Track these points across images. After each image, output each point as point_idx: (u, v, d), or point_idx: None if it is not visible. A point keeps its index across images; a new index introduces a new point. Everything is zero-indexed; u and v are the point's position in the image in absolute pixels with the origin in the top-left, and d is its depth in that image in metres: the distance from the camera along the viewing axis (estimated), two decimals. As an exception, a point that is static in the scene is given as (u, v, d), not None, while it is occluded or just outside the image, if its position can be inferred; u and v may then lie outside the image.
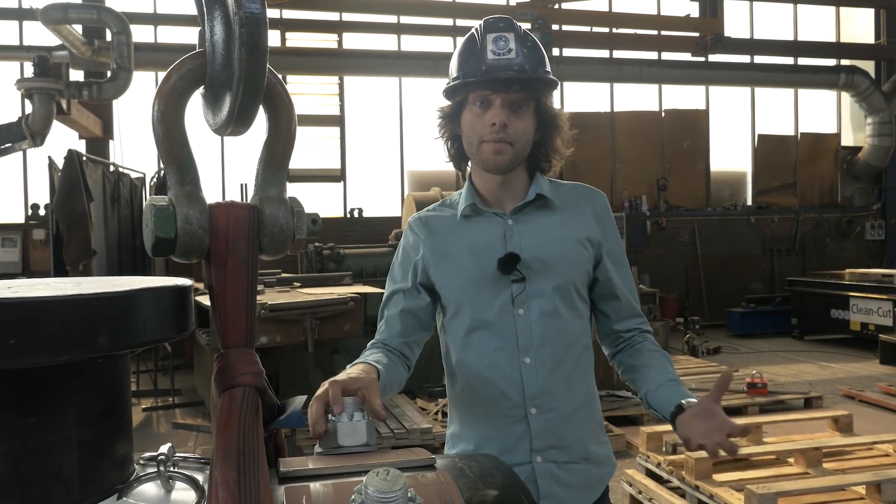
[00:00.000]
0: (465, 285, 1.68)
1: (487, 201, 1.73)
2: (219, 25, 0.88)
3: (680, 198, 13.25)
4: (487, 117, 1.62)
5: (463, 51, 1.67)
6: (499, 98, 1.61)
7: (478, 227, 1.71)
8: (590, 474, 1.70)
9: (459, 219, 1.72)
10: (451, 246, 1.71)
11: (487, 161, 1.65)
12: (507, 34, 1.62)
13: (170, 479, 0.90)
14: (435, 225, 1.76)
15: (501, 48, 1.61)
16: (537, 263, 1.65)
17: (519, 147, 1.65)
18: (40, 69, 6.75)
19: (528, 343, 1.65)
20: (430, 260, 1.72)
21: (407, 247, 1.78)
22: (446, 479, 0.91)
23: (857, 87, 13.00)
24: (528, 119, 1.65)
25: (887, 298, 9.31)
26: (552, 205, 1.71)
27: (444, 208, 1.80)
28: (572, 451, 1.67)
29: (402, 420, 5.70)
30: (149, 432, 6.50)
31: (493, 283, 1.66)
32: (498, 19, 1.67)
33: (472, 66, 1.63)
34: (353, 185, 11.90)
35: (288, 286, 7.11)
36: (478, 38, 1.64)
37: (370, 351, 1.65)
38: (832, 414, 5.17)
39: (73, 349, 0.78)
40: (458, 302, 1.69)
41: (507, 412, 1.66)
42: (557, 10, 11.82)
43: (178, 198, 0.91)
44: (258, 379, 0.93)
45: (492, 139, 1.62)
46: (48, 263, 7.27)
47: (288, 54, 10.82)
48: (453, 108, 1.70)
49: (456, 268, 1.70)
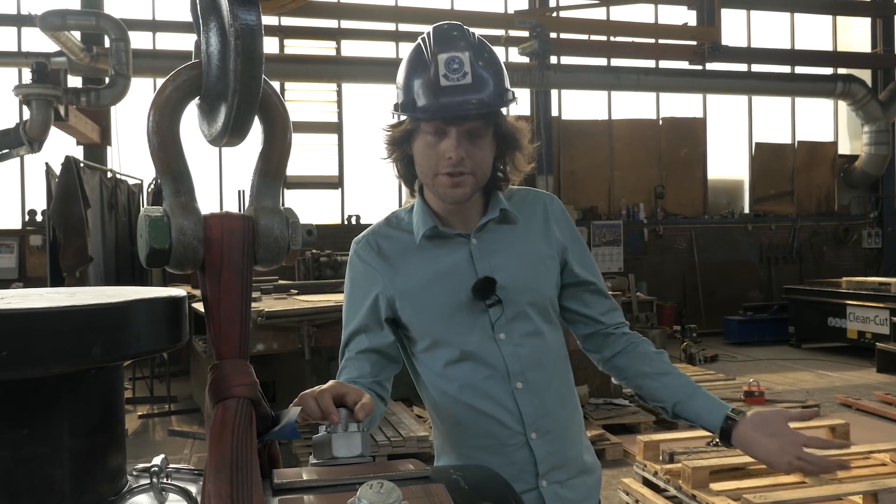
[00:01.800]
0: (438, 317, 1.57)
1: (446, 221, 1.59)
2: (214, 36, 0.88)
3: (677, 206, 13.27)
4: (442, 149, 1.47)
5: (411, 68, 1.51)
6: (454, 129, 1.46)
7: (440, 252, 1.58)
8: (586, 485, 1.67)
9: (420, 241, 1.58)
10: (415, 275, 1.57)
11: (445, 195, 1.52)
12: (461, 54, 1.46)
13: (163, 490, 0.90)
14: (389, 251, 1.60)
15: (456, 71, 1.45)
16: (511, 283, 1.56)
17: (480, 176, 1.52)
18: (38, 75, 6.75)
19: (518, 368, 1.57)
20: (394, 294, 1.57)
21: (359, 279, 1.61)
22: (441, 491, 0.91)
23: (853, 95, 13.05)
24: (488, 146, 1.52)
25: (884, 307, 9.32)
26: (512, 218, 1.60)
27: (393, 230, 1.63)
28: (570, 468, 1.63)
29: (398, 428, 5.68)
30: (145, 439, 6.48)
31: (468, 310, 1.55)
32: (452, 30, 1.51)
33: (424, 94, 1.46)
34: (351, 192, 11.92)
35: (285, 293, 7.11)
36: (427, 53, 1.48)
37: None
38: (829, 423, 5.17)
39: (65, 361, 0.78)
40: (434, 335, 1.58)
41: (506, 441, 1.58)
42: (555, 18, 11.86)
43: (173, 208, 0.90)
44: (252, 390, 0.92)
45: (448, 172, 1.48)
46: (45, 269, 7.25)
47: (286, 61, 10.83)
48: (403, 134, 1.54)
49: (426, 299, 1.57)
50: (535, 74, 11.21)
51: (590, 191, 12.80)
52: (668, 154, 13.29)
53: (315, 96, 11.81)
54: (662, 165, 13.26)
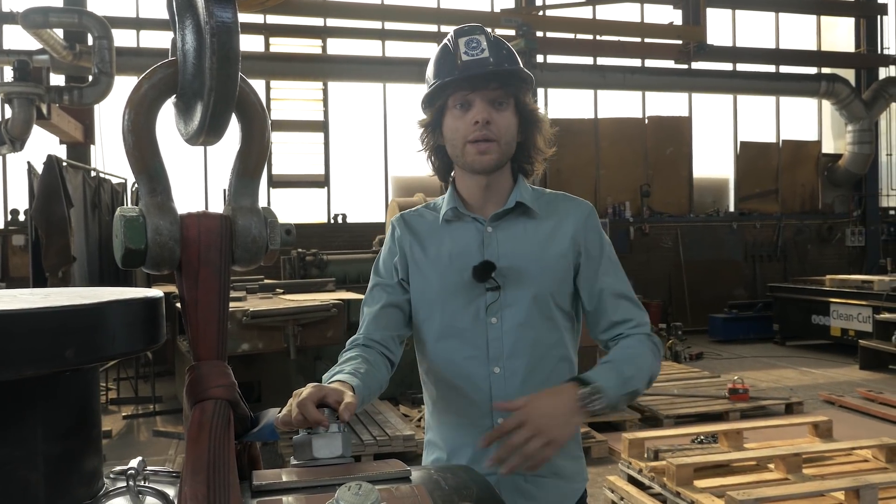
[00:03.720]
0: (439, 291, 1.66)
1: (469, 206, 1.71)
2: (190, 34, 0.87)
3: (663, 204, 13.32)
4: (469, 117, 1.61)
5: (438, 58, 1.67)
6: (478, 96, 1.60)
7: (457, 233, 1.69)
8: (559, 489, 1.66)
9: (441, 223, 1.71)
10: (430, 249, 1.70)
11: (474, 163, 1.63)
12: (479, 37, 1.64)
13: (139, 493, 0.89)
14: (416, 226, 1.74)
15: (474, 48, 1.61)
16: (514, 272, 1.63)
17: (504, 143, 1.63)
18: (20, 73, 6.68)
19: (499, 353, 1.62)
20: (410, 261, 1.71)
21: (391, 243, 1.76)
22: (421, 492, 0.91)
23: (837, 95, 13.15)
24: (510, 115, 1.64)
25: (867, 304, 9.40)
26: (533, 213, 1.68)
27: (427, 211, 1.78)
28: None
29: (384, 427, 5.67)
30: (129, 440, 6.44)
31: (467, 290, 1.63)
32: (471, 27, 1.68)
33: (447, 69, 1.62)
34: (337, 190, 11.87)
35: (270, 292, 7.08)
36: (451, 44, 1.65)
37: (351, 353, 1.60)
38: (812, 420, 5.21)
39: (39, 363, 0.77)
40: (431, 307, 1.68)
41: (475, 422, 1.64)
42: (541, 16, 11.87)
43: (149, 208, 0.89)
44: (230, 392, 0.92)
45: (476, 138, 1.60)
46: (27, 269, 7.18)
47: (272, 59, 10.78)
48: (434, 117, 1.68)
49: (432, 272, 1.68)
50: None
51: (576, 189, 12.75)
52: (654, 153, 13.34)
53: (301, 95, 11.75)
54: (648, 164, 13.31)
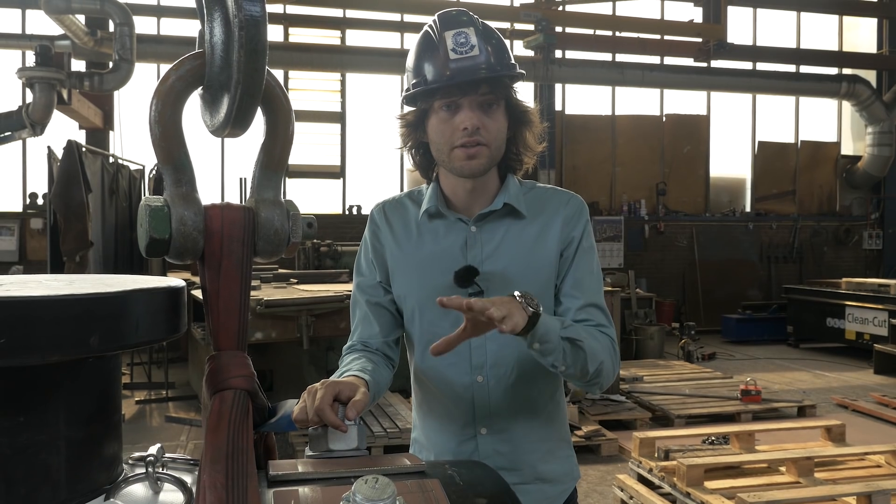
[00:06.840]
0: (420, 292, 1.58)
1: (453, 204, 1.60)
2: (218, 27, 0.87)
3: (679, 203, 13.25)
4: (457, 121, 1.49)
5: (420, 51, 1.54)
6: (467, 100, 1.49)
7: (439, 232, 1.60)
8: (544, 493, 1.62)
9: (421, 218, 1.61)
10: (410, 247, 1.61)
11: (462, 168, 1.52)
12: (467, 30, 1.49)
13: (158, 480, 0.90)
14: (396, 220, 1.64)
15: (462, 45, 1.48)
16: (498, 277, 1.54)
17: (494, 148, 1.53)
18: (42, 58, 6.74)
19: (482, 361, 1.56)
20: (389, 260, 1.63)
21: (371, 238, 1.66)
22: (436, 486, 0.91)
23: (858, 96, 13.01)
24: (500, 118, 1.53)
25: (883, 308, 9.32)
26: (519, 213, 1.58)
27: (409, 201, 1.66)
28: (524, 473, 1.59)
29: (395, 419, 5.69)
30: (142, 425, 6.49)
31: (448, 293, 1.48)
32: (458, 13, 1.54)
33: (434, 71, 1.49)
34: (353, 182, 11.89)
35: (284, 282, 7.12)
36: (434, 35, 1.52)
37: (352, 356, 1.55)
38: (825, 423, 5.17)
39: (63, 349, 0.78)
40: (412, 311, 1.61)
41: (458, 430, 1.60)
42: (561, 12, 11.81)
43: (174, 198, 0.90)
44: (249, 382, 0.92)
45: (465, 143, 1.49)
46: (45, 253, 7.26)
47: (291, 49, 10.80)
48: (417, 116, 1.57)
49: (413, 274, 1.60)
50: (539, 68, 11.19)
51: (592, 186, 12.78)
52: (671, 151, 13.27)
53: (319, 85, 11.77)
54: (665, 162, 13.24)
